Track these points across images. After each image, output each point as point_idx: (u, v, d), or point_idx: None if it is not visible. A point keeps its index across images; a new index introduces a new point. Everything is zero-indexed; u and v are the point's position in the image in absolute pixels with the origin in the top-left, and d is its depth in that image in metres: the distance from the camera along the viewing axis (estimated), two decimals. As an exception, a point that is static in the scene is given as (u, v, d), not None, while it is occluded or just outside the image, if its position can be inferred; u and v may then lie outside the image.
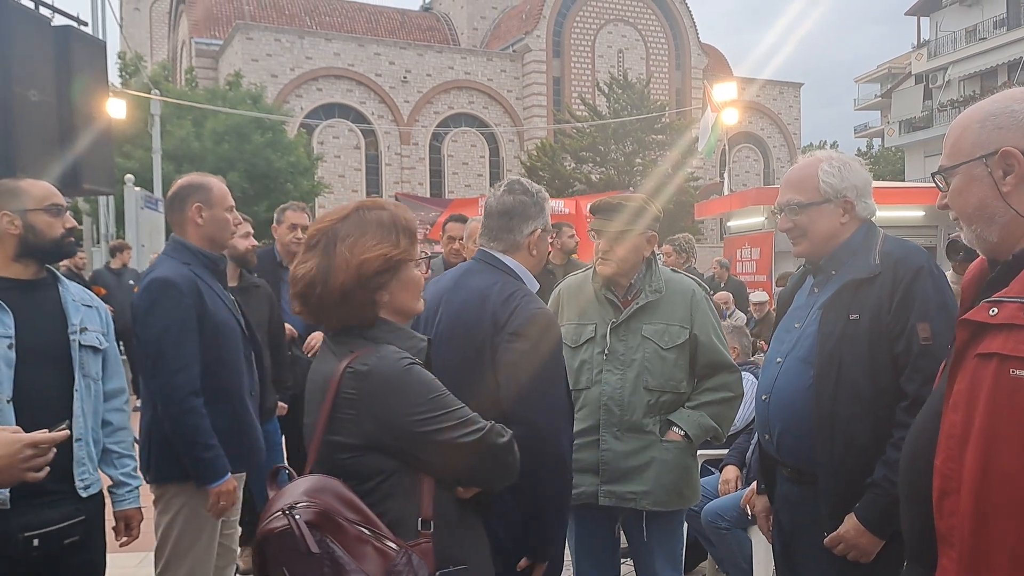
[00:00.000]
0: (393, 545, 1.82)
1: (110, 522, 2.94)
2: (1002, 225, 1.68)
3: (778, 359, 2.65)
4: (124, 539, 2.98)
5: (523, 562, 2.47)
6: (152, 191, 18.88)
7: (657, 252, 3.45)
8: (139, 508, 2.98)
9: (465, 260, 5.49)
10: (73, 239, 2.88)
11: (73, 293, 2.84)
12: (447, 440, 1.91)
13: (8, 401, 2.53)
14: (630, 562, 3.58)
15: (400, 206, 2.15)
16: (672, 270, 3.41)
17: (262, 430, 3.65)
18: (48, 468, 1.97)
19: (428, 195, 37.73)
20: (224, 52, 42.25)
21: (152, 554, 3.19)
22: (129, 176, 16.36)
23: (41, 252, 2.76)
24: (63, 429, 1.99)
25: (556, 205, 13.98)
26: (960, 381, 1.63)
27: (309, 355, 5.45)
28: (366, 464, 1.90)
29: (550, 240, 5.07)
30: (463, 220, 5.57)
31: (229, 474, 3.10)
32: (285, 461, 4.98)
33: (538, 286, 2.73)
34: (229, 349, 3.22)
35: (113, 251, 11.65)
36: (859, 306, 2.47)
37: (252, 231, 4.50)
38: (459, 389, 2.52)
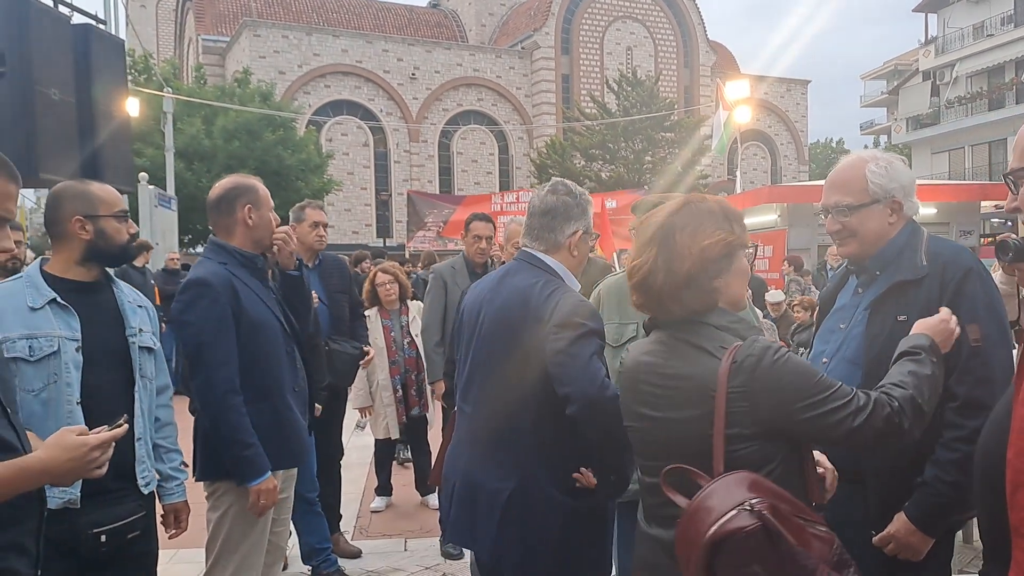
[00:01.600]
0: (825, 530, 1.83)
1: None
2: None
3: (824, 359, 2.61)
4: (173, 531, 3.02)
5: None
6: (165, 189, 18.96)
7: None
8: (186, 501, 3.02)
9: (491, 260, 5.57)
10: (135, 244, 2.96)
11: (127, 295, 2.89)
12: (836, 420, 1.90)
13: (77, 403, 2.59)
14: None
15: (719, 198, 2.20)
16: None
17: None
18: (108, 465, 2.00)
19: (438, 192, 37.74)
20: (231, 49, 42.30)
21: (183, 551, 3.21)
22: (143, 174, 16.40)
23: (107, 257, 2.82)
24: (122, 424, 2.03)
25: (610, 203, 13.95)
26: None
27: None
28: (763, 452, 1.92)
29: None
30: (488, 219, 5.61)
31: (269, 472, 3.13)
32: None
33: (579, 286, 2.76)
34: (268, 346, 3.24)
35: (138, 249, 11.74)
36: (907, 307, 2.43)
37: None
38: (505, 386, 2.60)
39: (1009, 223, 22.35)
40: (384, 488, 6.50)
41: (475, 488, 2.65)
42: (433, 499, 6.28)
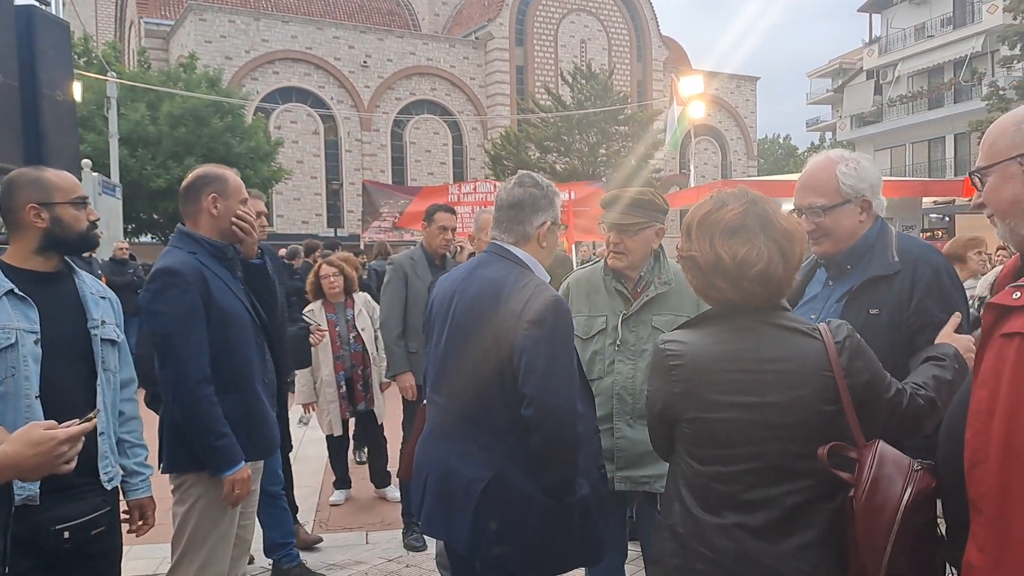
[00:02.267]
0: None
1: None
2: None
3: None
4: (138, 527, 2.97)
5: None
6: (108, 176, 18.53)
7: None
8: (151, 497, 2.97)
9: (458, 249, 5.56)
10: (96, 231, 2.86)
11: (89, 285, 2.81)
12: (899, 401, 2.09)
13: (36, 397, 2.52)
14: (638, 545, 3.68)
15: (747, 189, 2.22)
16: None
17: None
18: (76, 460, 1.95)
19: (391, 182, 37.47)
20: (175, 33, 41.39)
21: (138, 547, 3.15)
22: (86, 161, 16.00)
23: (66, 245, 2.73)
24: (92, 418, 1.98)
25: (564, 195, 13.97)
26: (986, 360, 1.76)
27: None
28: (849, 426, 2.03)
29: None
30: (452, 210, 5.59)
31: (243, 462, 3.10)
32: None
33: (549, 277, 2.78)
34: (239, 337, 3.21)
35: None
36: (879, 301, 2.53)
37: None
38: (479, 377, 2.60)
39: (947, 218, 22.96)
40: (342, 481, 6.42)
41: (451, 479, 2.65)
42: (391, 491, 6.27)
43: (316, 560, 5.07)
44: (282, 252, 12.50)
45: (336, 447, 6.42)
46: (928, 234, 20.08)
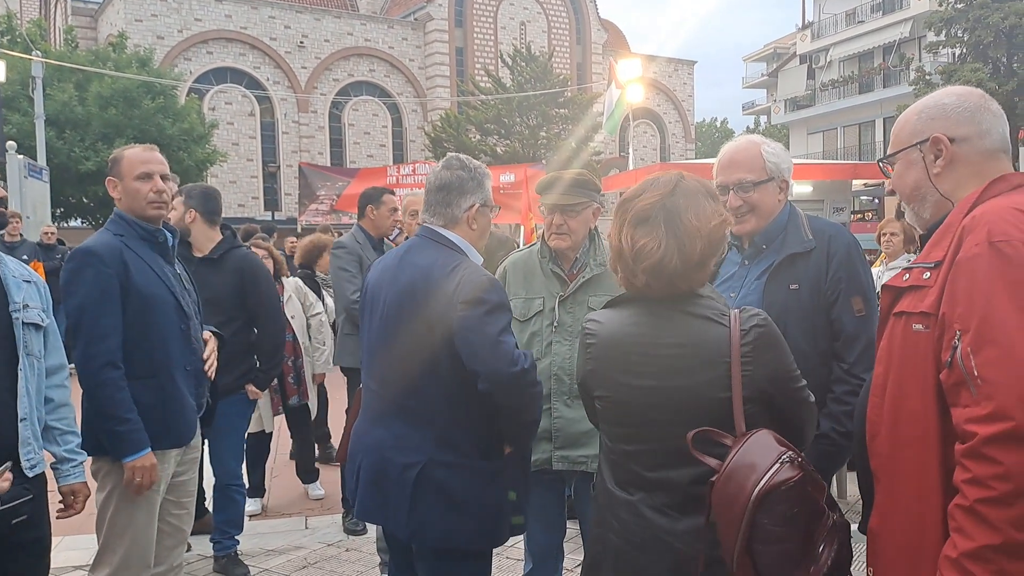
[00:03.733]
0: (819, 478, 1.98)
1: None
2: (933, 203, 1.95)
3: None
4: (69, 512, 2.92)
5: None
6: (35, 159, 18.00)
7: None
8: (85, 483, 2.93)
9: (395, 233, 5.51)
10: (4, 210, 2.81)
11: (12, 269, 2.75)
12: (804, 397, 2.16)
13: None
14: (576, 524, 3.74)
15: (699, 178, 2.23)
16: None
17: (219, 406, 3.65)
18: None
19: (329, 164, 37.02)
20: (104, 11, 40.19)
21: (69, 538, 3.10)
22: (11, 143, 15.54)
23: None
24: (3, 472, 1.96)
25: (506, 176, 13.85)
26: (883, 339, 1.90)
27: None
28: (754, 417, 2.03)
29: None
30: (395, 193, 5.57)
31: (147, 449, 3.08)
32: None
33: (481, 260, 2.82)
34: (159, 322, 3.19)
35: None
36: (797, 277, 2.69)
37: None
38: (412, 361, 2.63)
39: (876, 200, 23.57)
40: (257, 489, 5.88)
41: (384, 465, 2.67)
42: (315, 489, 6.10)
43: (254, 545, 5.05)
44: None
45: (257, 449, 5.80)
46: (859, 215, 20.55)
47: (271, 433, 5.86)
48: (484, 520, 2.63)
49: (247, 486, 5.80)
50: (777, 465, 1.88)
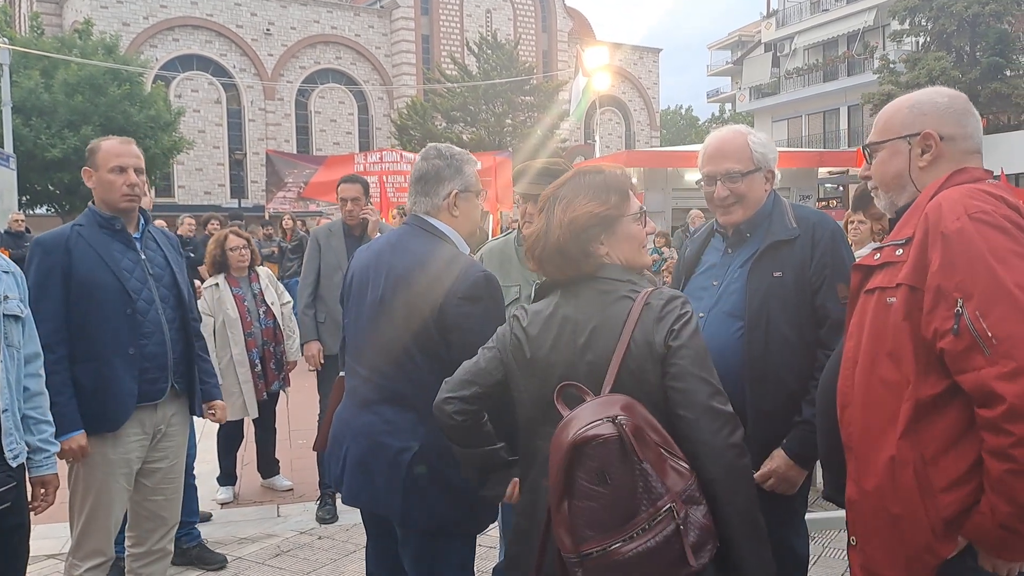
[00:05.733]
0: (686, 467, 1.93)
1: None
2: (909, 193, 2.06)
3: (700, 314, 2.70)
4: (42, 504, 2.97)
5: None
6: (1, 146, 17.79)
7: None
8: (56, 474, 2.95)
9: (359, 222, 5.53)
10: None
11: None
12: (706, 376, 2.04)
13: None
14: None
15: (615, 167, 2.29)
16: None
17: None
18: None
19: (295, 152, 36.77)
20: (69, -3, 39.62)
21: (42, 527, 3.15)
22: (-25, 131, 15.38)
23: None
24: None
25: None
26: (854, 316, 2.03)
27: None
28: (664, 393, 2.01)
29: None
30: (356, 180, 5.54)
31: (78, 431, 3.18)
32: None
33: (468, 249, 2.85)
34: (100, 308, 3.26)
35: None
36: (781, 264, 2.68)
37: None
38: (405, 348, 2.65)
39: (841, 188, 23.87)
40: (229, 477, 5.95)
41: (377, 450, 2.67)
42: (280, 480, 6.09)
43: (226, 534, 5.12)
44: (191, 223, 12.20)
45: (232, 436, 5.89)
46: (823, 203, 20.80)
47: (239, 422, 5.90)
48: (475, 504, 2.63)
49: (219, 473, 5.93)
50: (600, 421, 1.87)
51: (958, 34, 27.24)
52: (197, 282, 6.01)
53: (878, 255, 1.98)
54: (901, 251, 1.90)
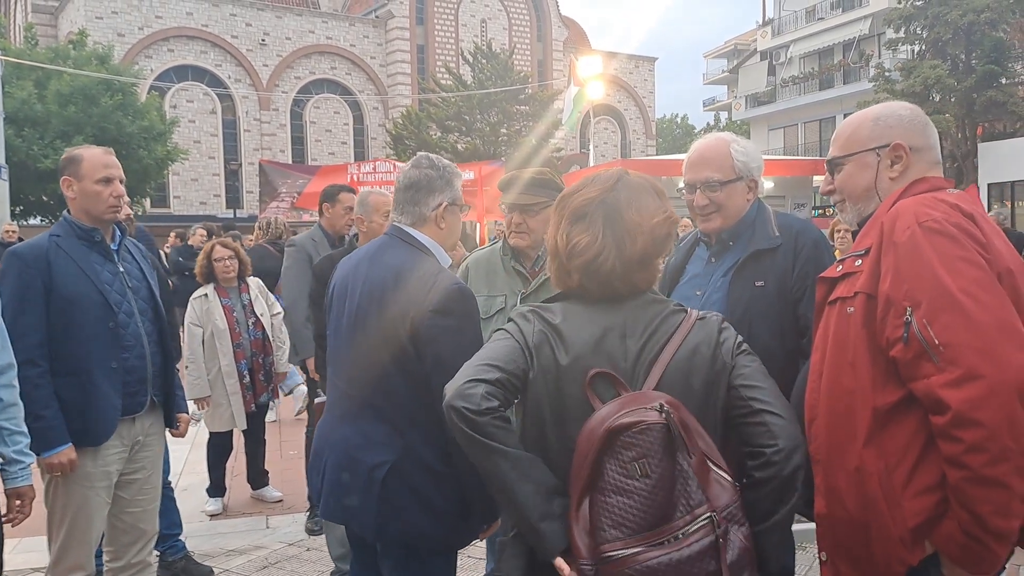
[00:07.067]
0: (731, 481, 1.82)
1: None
2: (875, 205, 2.06)
3: None
4: (18, 516, 2.94)
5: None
6: (-7, 157, 17.77)
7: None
8: (31, 485, 2.93)
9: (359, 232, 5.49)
10: None
11: None
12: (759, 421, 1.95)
13: None
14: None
15: (643, 175, 2.15)
16: None
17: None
18: None
19: (291, 162, 36.73)
20: (64, 8, 39.59)
21: (27, 540, 3.15)
22: (-32, 141, 15.33)
23: None
24: None
25: (466, 174, 13.73)
26: (820, 329, 2.03)
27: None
28: (723, 402, 1.93)
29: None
30: (355, 192, 5.46)
31: (64, 446, 3.14)
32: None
33: (450, 261, 2.81)
34: (81, 321, 3.22)
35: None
36: (763, 273, 2.65)
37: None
38: (379, 361, 2.59)
39: (837, 197, 23.87)
40: (218, 488, 5.91)
41: (351, 463, 2.63)
42: (269, 492, 6.06)
43: (214, 546, 5.08)
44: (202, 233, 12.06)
45: (221, 447, 5.92)
46: (820, 211, 20.81)
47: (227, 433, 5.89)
48: (452, 519, 2.59)
49: (208, 484, 5.89)
50: (643, 408, 1.75)
51: (953, 42, 27.23)
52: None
53: (840, 267, 1.98)
54: (860, 262, 1.91)
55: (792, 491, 1.85)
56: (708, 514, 1.74)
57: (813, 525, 2.03)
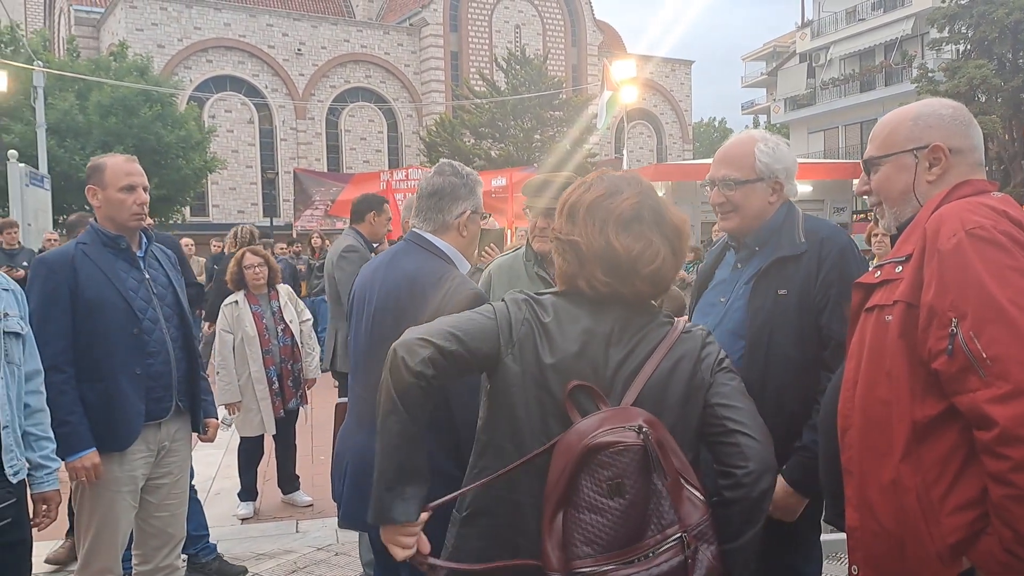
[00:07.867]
0: (702, 500, 1.82)
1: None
2: (914, 208, 1.96)
3: None
4: (44, 520, 2.96)
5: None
6: (36, 167, 18.05)
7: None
8: (58, 490, 2.97)
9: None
10: None
11: None
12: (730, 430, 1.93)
13: None
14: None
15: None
16: None
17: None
18: None
19: (326, 170, 37.06)
20: (106, 21, 40.34)
21: (38, 544, 3.22)
22: (12, 152, 15.60)
23: None
24: None
25: (498, 180, 13.65)
26: (855, 336, 1.94)
27: None
28: (698, 420, 1.91)
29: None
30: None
31: (88, 450, 3.18)
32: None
33: (469, 267, 2.79)
34: (106, 327, 3.26)
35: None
36: (787, 282, 2.55)
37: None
38: None
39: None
40: (250, 492, 5.97)
41: (369, 470, 2.62)
42: (300, 496, 6.07)
43: (244, 549, 5.08)
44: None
45: (252, 451, 5.97)
46: (860, 215, 20.52)
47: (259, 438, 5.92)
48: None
49: (240, 488, 5.95)
50: (621, 428, 1.74)
51: (999, 41, 26.70)
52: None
53: (878, 273, 1.90)
54: (901, 268, 1.83)
55: (760, 512, 1.84)
56: (679, 534, 1.76)
57: (844, 535, 1.96)
